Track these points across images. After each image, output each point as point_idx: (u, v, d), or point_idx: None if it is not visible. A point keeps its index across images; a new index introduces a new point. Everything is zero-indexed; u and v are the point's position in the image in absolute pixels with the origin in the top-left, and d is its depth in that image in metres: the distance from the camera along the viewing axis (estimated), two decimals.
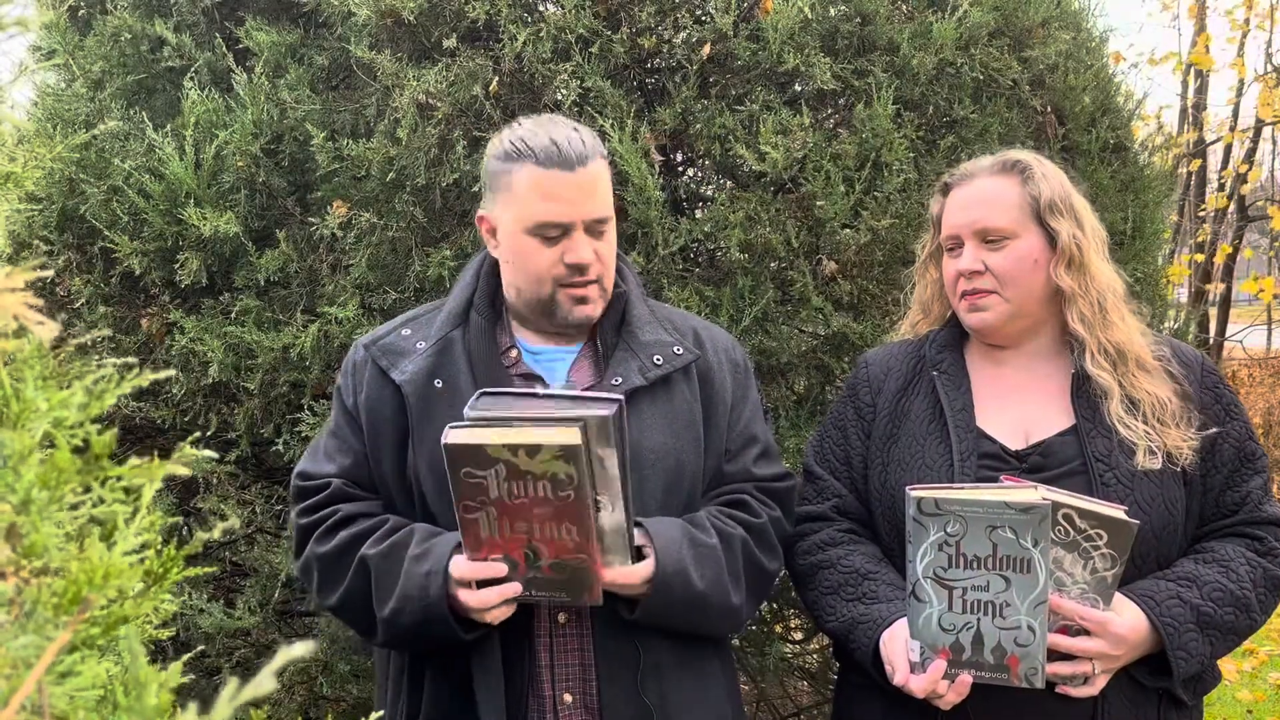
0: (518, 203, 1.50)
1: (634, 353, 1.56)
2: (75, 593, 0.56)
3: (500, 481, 1.33)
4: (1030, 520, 1.37)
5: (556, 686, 1.49)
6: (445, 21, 2.25)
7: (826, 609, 1.64)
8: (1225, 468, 1.60)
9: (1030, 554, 1.38)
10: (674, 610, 1.47)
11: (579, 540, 1.37)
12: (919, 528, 1.41)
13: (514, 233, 1.52)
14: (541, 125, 1.52)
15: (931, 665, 1.44)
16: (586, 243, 1.51)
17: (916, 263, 1.81)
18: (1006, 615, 1.41)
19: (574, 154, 1.48)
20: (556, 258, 1.51)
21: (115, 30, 2.45)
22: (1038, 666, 1.42)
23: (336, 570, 1.50)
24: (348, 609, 1.51)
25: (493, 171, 1.54)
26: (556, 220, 1.49)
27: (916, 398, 1.69)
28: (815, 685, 2.97)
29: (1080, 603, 1.45)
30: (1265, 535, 1.58)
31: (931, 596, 1.43)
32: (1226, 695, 4.32)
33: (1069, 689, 1.48)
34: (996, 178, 1.64)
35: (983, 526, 1.39)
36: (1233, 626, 1.53)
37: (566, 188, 1.48)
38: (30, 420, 0.62)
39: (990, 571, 1.40)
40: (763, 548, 1.58)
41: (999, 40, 2.42)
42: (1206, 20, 8.25)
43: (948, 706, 1.46)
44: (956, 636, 1.43)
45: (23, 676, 0.52)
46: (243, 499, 2.39)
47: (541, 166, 1.47)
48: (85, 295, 2.40)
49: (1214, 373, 1.66)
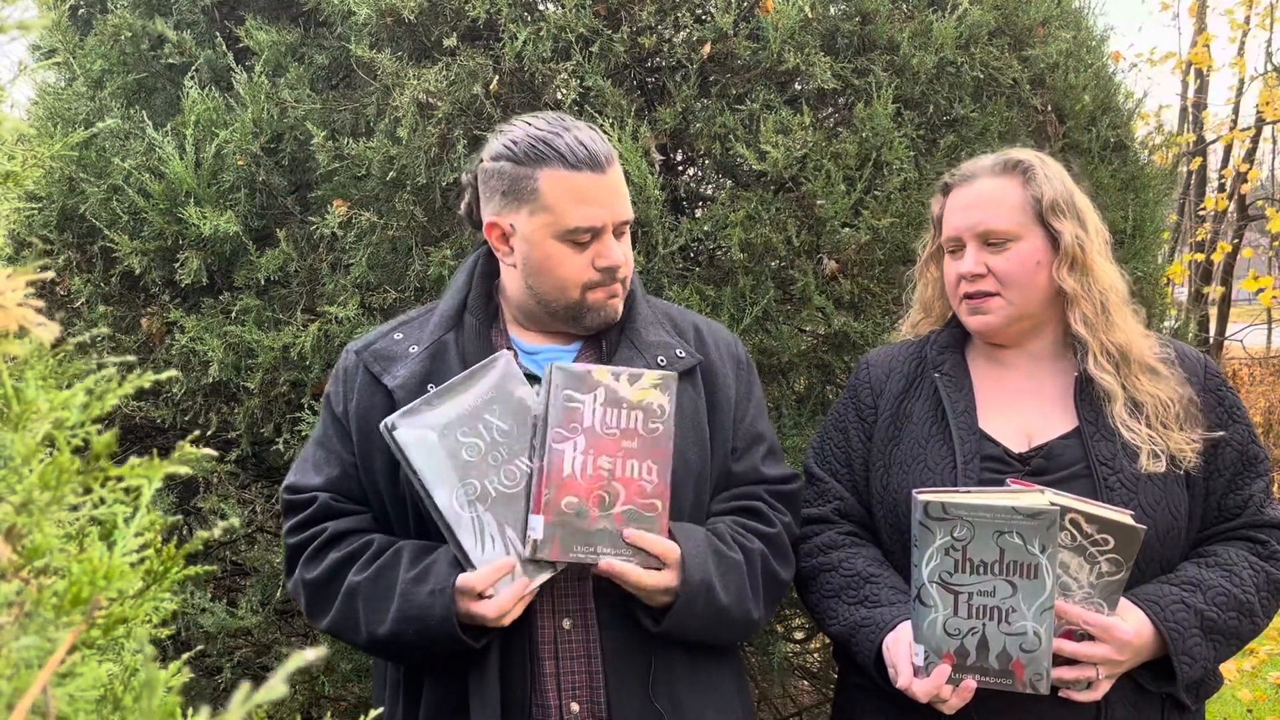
0: (546, 208, 1.45)
1: (639, 351, 1.54)
2: (76, 593, 0.56)
3: (596, 407, 1.38)
4: (1038, 526, 1.36)
5: (563, 695, 1.46)
6: (445, 20, 2.25)
7: (828, 612, 1.63)
8: (1228, 471, 1.59)
9: (1038, 560, 1.37)
10: (698, 622, 1.46)
11: (656, 484, 1.40)
12: (925, 532, 1.40)
13: (541, 240, 1.47)
14: (560, 125, 1.46)
15: (936, 670, 1.43)
16: (615, 245, 1.48)
17: (917, 262, 1.81)
18: (1012, 621, 1.40)
19: (602, 155, 1.44)
20: (587, 262, 1.47)
21: (115, 29, 2.45)
22: (1043, 673, 1.41)
23: (324, 596, 1.47)
24: (339, 632, 1.49)
25: (506, 176, 1.47)
26: (590, 224, 1.45)
27: (918, 399, 1.68)
28: (816, 685, 2.97)
29: (1085, 607, 1.44)
30: (1268, 539, 1.58)
31: (937, 601, 1.42)
32: (1226, 695, 4.32)
33: (1072, 693, 1.47)
34: (998, 178, 1.62)
35: (990, 532, 1.38)
36: (1236, 631, 1.53)
37: (600, 190, 1.44)
38: (31, 421, 0.62)
39: (997, 577, 1.39)
40: (779, 558, 1.57)
41: (999, 39, 2.42)
42: (1207, 19, 8.25)
43: (951, 711, 1.46)
44: (961, 641, 1.43)
45: (25, 678, 0.52)
46: (243, 498, 2.39)
47: (573, 169, 1.42)
48: (85, 294, 2.40)
49: (1217, 375, 1.65)
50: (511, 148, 1.47)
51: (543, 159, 1.44)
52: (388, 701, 1.54)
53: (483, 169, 1.53)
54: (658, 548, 1.41)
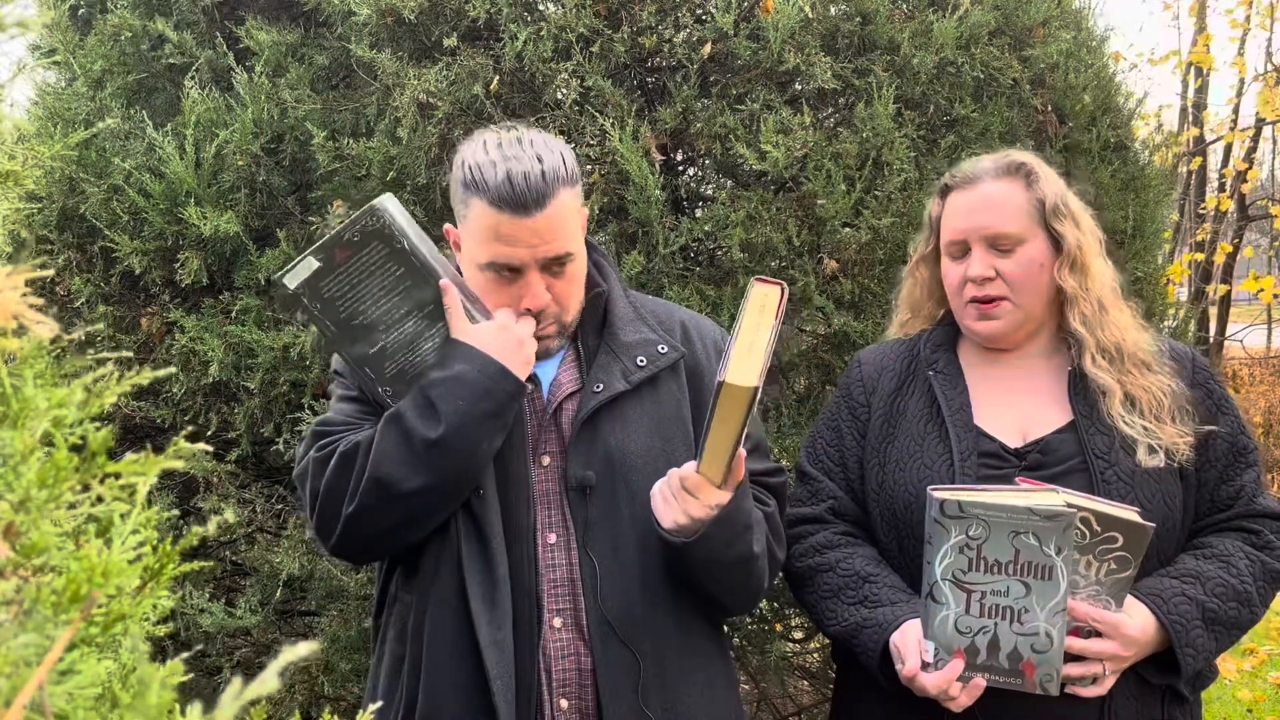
0: (471, 236, 1.45)
1: (616, 355, 1.52)
2: (74, 591, 0.56)
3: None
4: (1055, 528, 1.36)
5: (553, 693, 1.46)
6: (446, 20, 2.25)
7: (827, 613, 1.63)
8: (1219, 463, 1.60)
9: (1053, 561, 1.37)
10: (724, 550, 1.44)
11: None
12: (940, 529, 1.40)
13: (470, 264, 1.48)
14: (503, 154, 1.42)
15: (949, 664, 1.43)
16: (541, 284, 1.45)
17: (909, 263, 1.80)
18: (1025, 621, 1.40)
19: (531, 196, 1.39)
20: (514, 297, 1.46)
21: (115, 29, 2.45)
22: (1054, 673, 1.41)
23: (345, 468, 1.42)
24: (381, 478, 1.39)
25: (455, 192, 1.48)
26: (506, 262, 1.43)
27: (912, 397, 1.68)
28: (815, 685, 2.97)
29: (1092, 604, 1.44)
30: (1261, 529, 1.59)
31: (949, 599, 1.42)
32: (1226, 695, 4.31)
33: (1078, 689, 1.47)
34: (1001, 181, 1.62)
35: (1006, 532, 1.37)
36: (1235, 620, 1.54)
37: (520, 231, 1.41)
38: (30, 419, 0.62)
39: (1011, 577, 1.39)
40: (774, 535, 1.58)
41: (999, 39, 2.42)
42: (1207, 19, 8.25)
43: (959, 709, 1.45)
44: (972, 639, 1.42)
45: (23, 676, 0.52)
46: (243, 498, 2.39)
47: (494, 208, 1.40)
48: (85, 294, 2.40)
49: (1205, 369, 1.66)
50: (460, 167, 1.46)
51: (476, 187, 1.42)
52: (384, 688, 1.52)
53: (450, 178, 1.53)
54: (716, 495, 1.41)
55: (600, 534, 1.47)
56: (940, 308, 1.74)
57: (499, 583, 1.43)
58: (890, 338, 1.83)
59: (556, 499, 1.50)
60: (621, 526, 1.48)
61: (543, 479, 1.50)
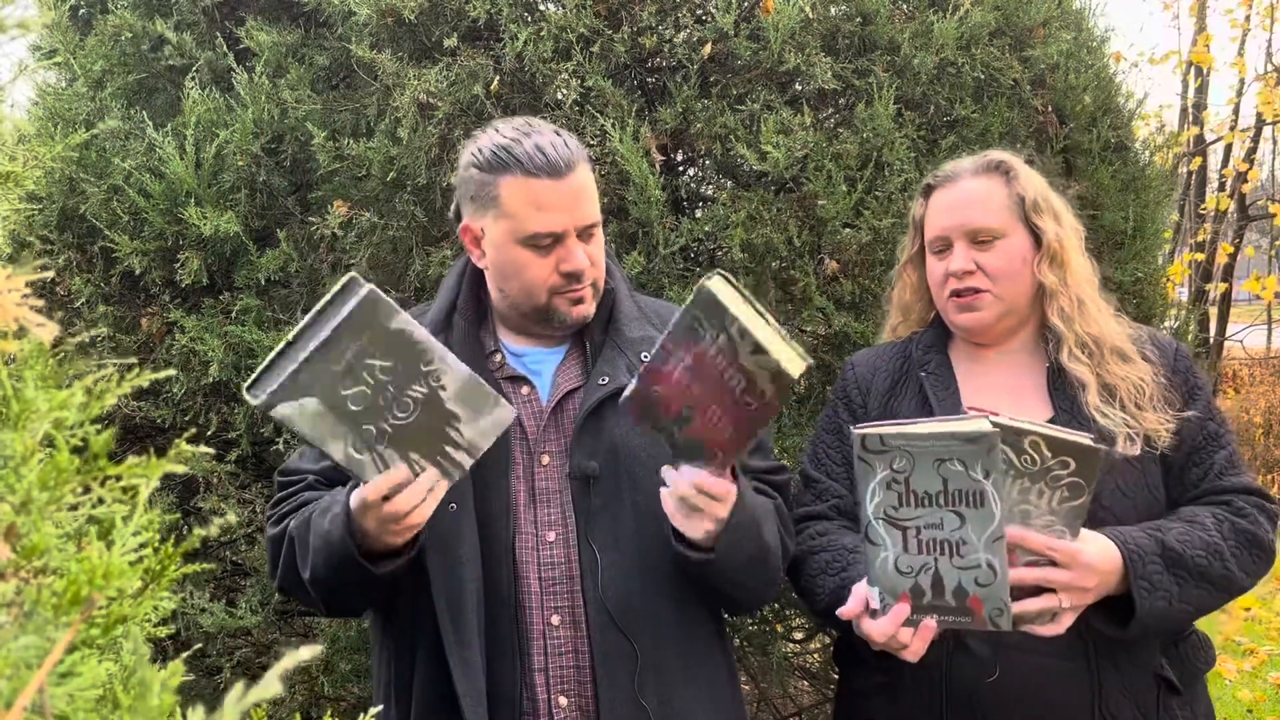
0: (507, 215, 1.47)
1: (621, 350, 1.55)
2: (75, 593, 0.56)
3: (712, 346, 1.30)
4: (978, 450, 1.30)
5: (551, 690, 1.47)
6: (446, 21, 2.25)
7: (815, 590, 1.62)
8: (1187, 445, 1.60)
9: (982, 486, 1.31)
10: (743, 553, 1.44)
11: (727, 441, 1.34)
12: (865, 467, 1.35)
13: (505, 245, 1.49)
14: (521, 132, 1.48)
15: (893, 609, 1.39)
16: (579, 249, 1.49)
17: (896, 266, 1.82)
18: (964, 554, 1.34)
19: (561, 161, 1.45)
20: (552, 267, 1.49)
21: (116, 29, 2.45)
22: (1002, 607, 1.35)
23: (274, 553, 1.53)
24: (287, 587, 1.53)
25: (474, 182, 1.50)
26: (549, 230, 1.46)
27: (904, 397, 1.71)
28: (816, 685, 2.97)
29: (1046, 534, 1.40)
30: (1230, 499, 1.58)
31: (885, 539, 1.37)
32: (1226, 695, 4.31)
33: (1035, 627, 1.43)
34: (981, 178, 1.66)
35: (930, 461, 1.32)
36: (1204, 571, 1.49)
37: (558, 196, 1.45)
38: (31, 421, 0.62)
39: (943, 508, 1.33)
40: (784, 526, 1.59)
41: (1000, 40, 2.42)
42: (1207, 19, 8.26)
43: (914, 657, 1.42)
44: (915, 579, 1.37)
45: (24, 677, 0.52)
46: (243, 499, 2.39)
47: (530, 176, 1.45)
48: (85, 295, 2.40)
49: (1186, 357, 1.68)
50: (477, 155, 1.50)
51: (503, 166, 1.46)
52: (381, 700, 1.54)
53: (458, 175, 1.56)
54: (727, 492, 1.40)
55: (602, 524, 1.48)
56: (930, 310, 1.77)
57: (465, 599, 1.43)
58: (882, 342, 1.85)
59: (556, 495, 1.51)
60: (623, 517, 1.49)
61: (542, 477, 1.51)
